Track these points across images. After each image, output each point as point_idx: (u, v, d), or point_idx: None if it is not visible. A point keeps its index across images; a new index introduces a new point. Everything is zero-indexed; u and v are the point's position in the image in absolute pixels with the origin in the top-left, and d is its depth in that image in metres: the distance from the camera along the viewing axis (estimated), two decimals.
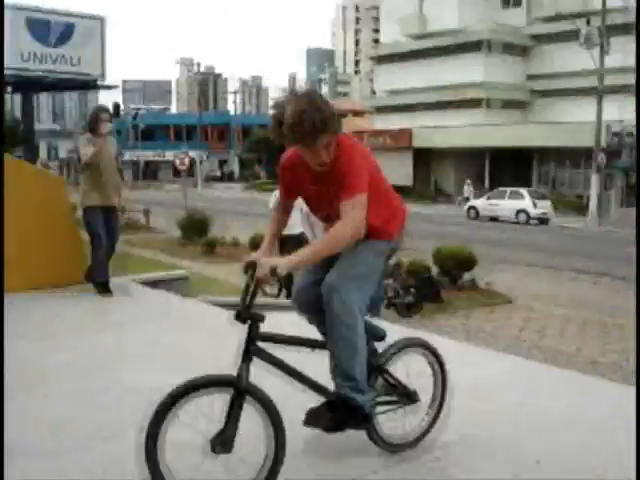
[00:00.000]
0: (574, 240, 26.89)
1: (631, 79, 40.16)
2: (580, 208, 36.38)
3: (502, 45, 47.44)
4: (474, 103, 47.43)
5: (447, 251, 13.17)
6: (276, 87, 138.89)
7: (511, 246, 23.18)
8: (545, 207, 33.21)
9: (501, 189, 35.13)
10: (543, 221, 32.78)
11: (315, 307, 3.47)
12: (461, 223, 31.50)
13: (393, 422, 3.75)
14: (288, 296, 10.95)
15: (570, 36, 38.72)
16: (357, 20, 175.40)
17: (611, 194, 36.66)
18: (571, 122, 39.82)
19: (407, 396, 3.77)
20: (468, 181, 42.33)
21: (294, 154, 3.40)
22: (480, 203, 35.14)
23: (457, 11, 48.84)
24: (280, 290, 10.93)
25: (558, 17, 43.59)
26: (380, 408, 3.65)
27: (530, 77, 47.98)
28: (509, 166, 42.49)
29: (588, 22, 35.37)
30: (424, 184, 47.70)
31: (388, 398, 3.71)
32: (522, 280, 16.00)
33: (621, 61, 38.19)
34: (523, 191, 33.69)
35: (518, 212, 32.93)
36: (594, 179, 33.86)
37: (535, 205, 32.80)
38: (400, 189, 35.61)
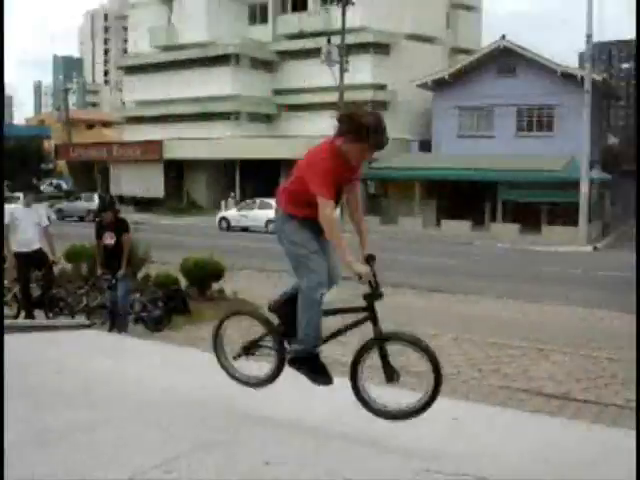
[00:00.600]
0: None
1: (368, 95, 42.92)
2: None
3: (250, 60, 48.46)
4: (224, 116, 48.04)
5: (195, 262, 13.26)
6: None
7: (260, 255, 23.77)
8: None
9: (251, 200, 35.95)
10: None
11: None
12: (213, 234, 31.77)
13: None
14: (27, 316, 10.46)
15: (313, 53, 40.45)
16: (106, 29, 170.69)
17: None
18: (315, 136, 41.58)
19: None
20: (232, 194, 42.76)
21: (332, 156, 4.40)
22: (231, 214, 35.69)
23: (206, 24, 49.19)
24: (18, 311, 10.45)
25: (301, 35, 45.47)
26: None
27: (277, 91, 49.50)
28: (259, 177, 43.50)
29: (329, 40, 37.18)
30: (176, 196, 47.47)
31: None
32: (269, 287, 16.47)
33: (358, 78, 40.61)
34: (271, 201, 34.65)
35: (268, 222, 33.83)
36: None
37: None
38: (151, 201, 35.10)
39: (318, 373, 4.77)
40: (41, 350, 7.71)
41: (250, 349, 5.10)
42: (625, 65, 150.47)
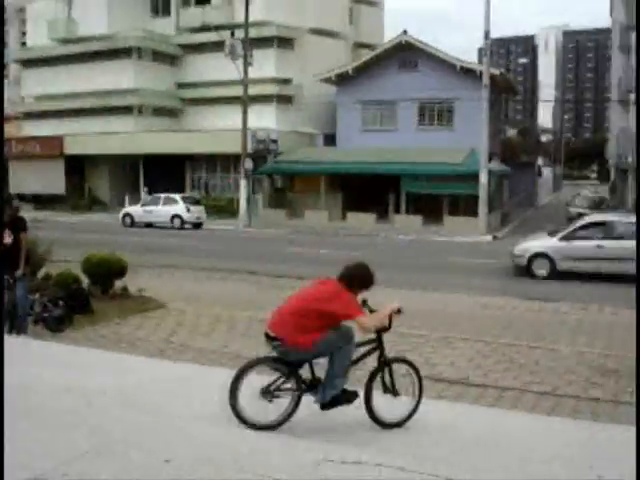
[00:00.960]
0: (226, 242, 28.06)
1: (272, 89, 42.92)
2: (232, 211, 37.99)
3: (152, 53, 47.61)
4: (126, 110, 47.07)
5: (97, 260, 13.00)
6: None
7: (165, 251, 23.53)
8: (198, 212, 34.22)
9: (155, 195, 35.44)
10: (197, 225, 33.74)
11: None
12: (116, 231, 31.20)
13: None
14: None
15: (217, 47, 40.08)
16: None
17: (258, 197, 38.79)
18: (220, 130, 41.34)
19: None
20: (146, 188, 41.95)
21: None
22: (135, 210, 35.07)
23: (106, 17, 48.00)
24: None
25: (205, 28, 44.96)
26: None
27: (180, 85, 48.82)
28: (164, 173, 42.89)
29: (233, 34, 36.92)
30: (78, 193, 46.28)
31: None
32: (175, 283, 16.36)
33: (263, 72, 40.51)
34: (177, 197, 34.33)
35: (173, 217, 33.49)
36: (242, 183, 35.63)
37: (189, 210, 33.62)
38: (52, 199, 34.11)
39: (350, 397, 5.89)
40: None
41: (269, 393, 5.72)
42: (522, 60, 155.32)
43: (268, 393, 5.69)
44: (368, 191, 36.66)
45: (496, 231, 32.48)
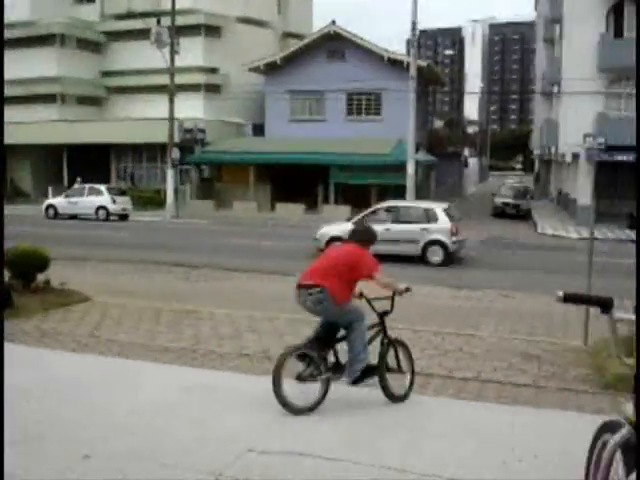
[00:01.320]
0: (152, 233, 27.70)
1: (200, 78, 42.51)
2: (159, 202, 37.50)
3: (76, 40, 46.59)
4: (50, 98, 45.95)
5: (18, 253, 12.63)
6: None
7: (90, 244, 23.09)
8: (124, 203, 33.65)
9: (80, 186, 34.70)
10: (123, 217, 33.18)
11: None
12: (39, 223, 30.46)
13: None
14: None
15: (142, 34, 39.45)
16: None
17: (186, 188, 38.38)
18: (146, 119, 40.74)
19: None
20: (79, 179, 40.93)
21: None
22: (58, 201, 34.27)
23: (30, 3, 46.77)
24: None
25: (130, 15, 44.19)
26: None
27: (105, 73, 47.91)
28: (88, 163, 42.05)
29: (159, 22, 36.38)
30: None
31: None
32: (100, 276, 16.07)
33: (190, 60, 40.07)
34: (102, 188, 33.67)
35: (98, 209, 32.84)
36: (169, 174, 35.20)
37: (114, 201, 33.02)
38: None
39: (375, 370, 6.60)
40: None
41: (303, 378, 6.26)
42: (449, 52, 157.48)
43: (303, 378, 6.23)
44: (297, 182, 36.69)
45: None
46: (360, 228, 7.51)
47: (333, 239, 20.09)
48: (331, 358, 6.57)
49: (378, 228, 20.08)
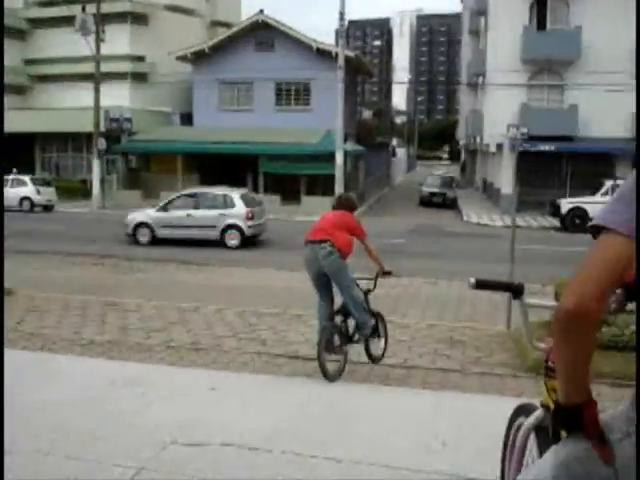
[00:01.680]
0: (79, 225, 27.20)
1: (126, 67, 41.78)
2: (85, 193, 36.79)
3: None
4: None
5: None
6: None
7: (14, 235, 22.46)
8: (49, 194, 32.93)
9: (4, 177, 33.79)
10: (48, 208, 32.46)
11: None
12: None
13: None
14: None
15: (67, 22, 38.56)
16: None
17: (113, 178, 37.68)
18: (72, 108, 39.87)
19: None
20: (15, 169, 39.59)
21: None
22: None
23: None
24: None
25: (54, 2, 43.12)
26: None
27: (29, 62, 46.66)
28: (11, 153, 40.81)
29: (84, 9, 35.61)
30: None
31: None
32: (24, 269, 15.70)
33: (116, 49, 39.36)
34: (25, 178, 32.85)
35: (22, 200, 32.02)
36: (95, 164, 34.56)
37: (39, 192, 32.28)
38: None
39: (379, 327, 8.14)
40: None
41: (332, 350, 7.48)
42: (377, 43, 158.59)
43: (331, 351, 7.43)
44: (226, 171, 36.46)
45: None
46: (344, 197, 8.82)
47: (139, 224, 21.94)
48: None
49: (180, 214, 21.79)
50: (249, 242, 21.76)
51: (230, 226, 21.43)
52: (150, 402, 5.69)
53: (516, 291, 2.70)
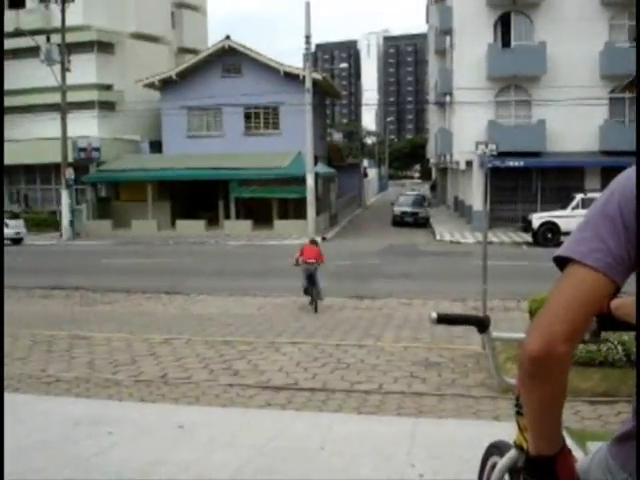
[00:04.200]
0: (48, 257, 26.80)
1: (93, 96, 41.53)
2: (55, 224, 36.34)
3: None
4: None
5: None
6: None
7: None
8: (18, 226, 32.44)
9: None
10: (17, 241, 31.95)
11: None
12: None
13: None
14: None
15: (32, 52, 38.30)
16: None
17: (82, 208, 37.21)
18: (39, 138, 39.50)
19: None
20: None
21: None
22: None
23: None
24: None
25: (18, 33, 42.81)
26: None
27: None
28: None
29: (48, 39, 35.41)
30: None
31: None
32: None
33: (82, 78, 39.10)
34: None
35: None
36: (64, 195, 34.17)
37: (7, 225, 31.79)
38: None
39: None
40: None
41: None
42: (345, 65, 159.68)
43: (308, 293, 14.55)
44: (197, 198, 36.24)
45: (325, 232, 33.04)
46: (313, 240, 15.70)
47: None
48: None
49: None
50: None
51: None
52: (114, 443, 5.47)
53: (481, 325, 2.51)
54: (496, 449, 2.78)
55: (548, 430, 1.63)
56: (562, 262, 1.60)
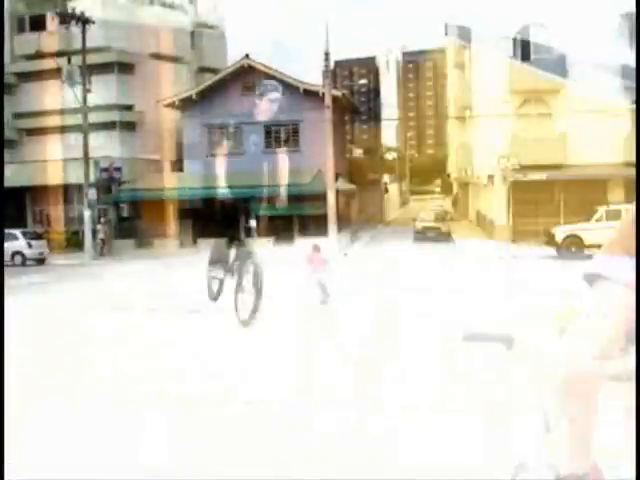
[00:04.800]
0: (71, 278, 26.89)
1: (114, 116, 41.86)
2: (78, 244, 36.59)
3: None
4: None
5: None
6: None
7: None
8: (41, 247, 32.72)
9: None
10: (40, 261, 32.21)
11: None
12: None
13: None
14: None
15: (54, 74, 38.76)
16: None
17: (105, 227, 37.46)
18: (61, 159, 39.87)
19: None
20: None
21: None
22: None
23: None
24: None
25: (40, 55, 43.35)
26: None
27: (17, 115, 46.75)
28: (3, 207, 40.78)
29: (69, 60, 35.82)
30: None
31: None
32: None
33: (103, 99, 39.46)
34: (17, 232, 32.67)
35: (13, 254, 31.79)
36: (86, 215, 34.38)
37: (30, 245, 32.07)
38: None
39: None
40: None
41: None
42: (363, 81, 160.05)
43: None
44: (218, 216, 36.29)
45: (346, 249, 32.95)
46: (318, 247, 16.22)
47: None
48: None
49: None
50: None
51: None
52: None
53: (507, 342, 2.43)
54: None
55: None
56: (591, 278, 1.53)
